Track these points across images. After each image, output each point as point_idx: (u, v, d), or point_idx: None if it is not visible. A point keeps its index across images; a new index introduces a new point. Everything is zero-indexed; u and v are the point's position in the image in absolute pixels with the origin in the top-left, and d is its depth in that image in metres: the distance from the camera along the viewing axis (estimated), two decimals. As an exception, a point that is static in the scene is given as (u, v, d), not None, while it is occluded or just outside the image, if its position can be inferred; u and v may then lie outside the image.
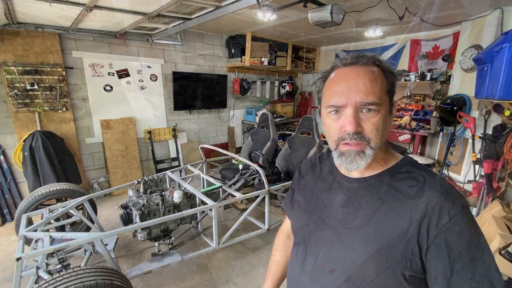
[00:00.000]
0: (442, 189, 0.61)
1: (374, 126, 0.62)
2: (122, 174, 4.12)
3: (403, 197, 0.63)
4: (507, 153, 2.82)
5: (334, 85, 0.66)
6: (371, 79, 0.62)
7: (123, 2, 2.47)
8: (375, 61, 0.65)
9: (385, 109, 0.64)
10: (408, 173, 0.67)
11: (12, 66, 3.13)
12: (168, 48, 4.42)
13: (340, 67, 0.67)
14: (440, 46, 4.31)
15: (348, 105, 0.62)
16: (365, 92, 0.61)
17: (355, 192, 0.70)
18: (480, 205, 3.22)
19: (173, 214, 2.18)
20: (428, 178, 0.64)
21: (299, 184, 0.88)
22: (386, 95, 0.64)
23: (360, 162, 0.63)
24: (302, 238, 0.79)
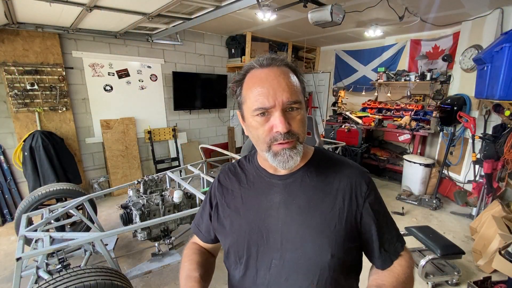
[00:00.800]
0: (354, 166, 0.75)
1: (300, 123, 0.65)
2: (122, 174, 4.12)
3: (331, 180, 0.71)
4: (507, 153, 2.82)
5: (257, 87, 0.64)
6: (290, 79, 0.64)
7: (123, 2, 2.47)
8: (287, 63, 0.68)
9: (304, 107, 0.67)
10: (325, 158, 0.76)
11: (12, 66, 3.13)
12: (168, 48, 4.42)
13: (257, 68, 0.67)
14: (440, 46, 4.31)
15: (276, 105, 0.62)
16: (289, 92, 0.62)
17: (291, 188, 0.72)
18: (480, 205, 3.22)
19: (173, 214, 2.17)
20: (339, 159, 0.76)
21: (224, 197, 0.80)
22: (301, 93, 0.67)
23: (295, 157, 0.65)
24: (247, 253, 0.72)
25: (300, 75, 0.69)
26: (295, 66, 0.70)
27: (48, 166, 3.19)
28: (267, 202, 0.73)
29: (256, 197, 0.75)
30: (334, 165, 0.74)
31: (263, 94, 0.62)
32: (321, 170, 0.73)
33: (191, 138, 5.06)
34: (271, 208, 0.72)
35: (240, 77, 0.70)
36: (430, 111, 4.37)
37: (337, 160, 0.76)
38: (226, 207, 0.79)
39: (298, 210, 0.70)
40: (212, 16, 2.85)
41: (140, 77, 4.21)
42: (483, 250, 2.51)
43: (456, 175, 3.84)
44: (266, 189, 0.74)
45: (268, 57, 0.67)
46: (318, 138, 3.28)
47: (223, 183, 0.83)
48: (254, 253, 0.72)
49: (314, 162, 0.74)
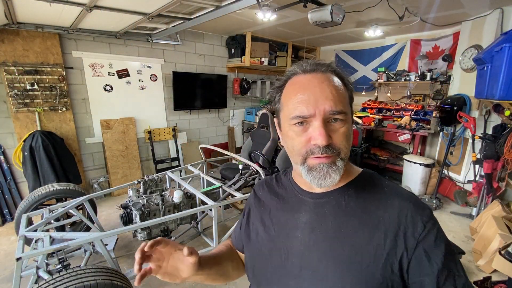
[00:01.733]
0: (409, 197, 0.60)
1: (343, 136, 0.57)
2: (122, 174, 4.12)
3: (373, 209, 0.59)
4: (507, 153, 2.82)
5: (297, 93, 0.58)
6: (336, 87, 0.58)
7: (123, 2, 2.47)
8: (334, 70, 0.61)
9: (350, 119, 0.60)
10: (372, 183, 0.64)
11: (12, 66, 3.13)
12: (168, 48, 4.42)
13: (299, 73, 0.61)
14: (440, 46, 4.31)
15: (316, 115, 0.55)
16: (333, 100, 0.55)
17: (322, 209, 0.63)
18: (480, 205, 3.22)
19: (173, 214, 2.17)
20: (392, 188, 0.63)
21: (257, 208, 0.76)
22: (349, 104, 0.60)
23: (333, 175, 0.57)
24: (262, 272, 0.68)
25: (348, 83, 0.62)
26: (343, 73, 0.62)
27: (48, 166, 3.19)
28: (294, 220, 0.66)
29: (284, 214, 0.69)
30: (382, 192, 0.61)
31: (303, 101, 0.56)
32: (363, 195, 0.62)
33: (191, 138, 5.06)
34: (296, 228, 0.64)
35: (281, 83, 0.64)
36: (430, 111, 4.37)
37: (389, 188, 0.62)
38: (255, 219, 0.74)
39: (324, 236, 0.60)
40: (212, 16, 2.85)
41: (140, 77, 4.21)
42: (483, 250, 2.51)
43: (456, 175, 3.84)
44: (295, 206, 0.67)
45: (312, 62, 0.62)
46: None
47: (257, 193, 0.79)
48: (269, 274, 0.66)
49: (357, 184, 0.64)
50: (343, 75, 0.62)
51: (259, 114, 5.24)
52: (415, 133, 4.20)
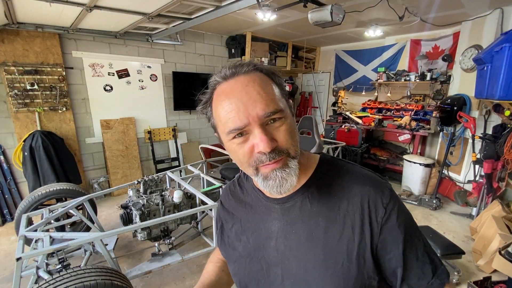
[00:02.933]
0: (367, 180, 0.58)
1: (287, 134, 0.53)
2: (122, 174, 4.12)
3: (337, 204, 0.57)
4: (507, 153, 2.82)
5: (224, 105, 0.53)
6: (262, 86, 0.53)
7: (123, 2, 2.47)
8: (256, 67, 0.56)
9: (289, 113, 0.56)
10: (331, 173, 0.61)
11: (12, 66, 3.13)
12: (168, 48, 4.42)
13: (221, 82, 0.56)
14: (440, 46, 4.31)
15: (251, 122, 0.51)
16: (263, 102, 0.51)
17: (290, 214, 0.60)
18: (480, 205, 3.22)
19: (173, 214, 2.17)
20: (351, 173, 0.60)
21: (227, 221, 0.73)
22: (282, 98, 0.55)
23: (290, 179, 0.54)
24: (249, 286, 0.67)
25: (276, 77, 0.58)
26: (267, 68, 0.58)
27: (48, 166, 3.19)
28: (265, 230, 0.64)
29: (255, 223, 0.66)
30: (341, 180, 0.59)
31: (233, 111, 0.51)
32: (325, 190, 0.59)
33: (191, 138, 5.06)
34: (270, 238, 0.63)
35: (207, 96, 0.59)
36: (430, 111, 4.37)
37: (346, 173, 0.60)
38: (229, 232, 0.72)
39: (298, 242, 0.59)
40: (212, 16, 2.85)
41: (140, 77, 4.21)
42: (483, 250, 2.51)
43: (456, 175, 3.84)
44: (264, 214, 0.65)
45: (230, 65, 0.57)
46: (318, 138, 3.28)
47: (225, 205, 0.76)
48: (253, 285, 0.65)
49: (317, 179, 0.61)
50: (267, 69, 0.57)
51: (259, 114, 5.23)
52: (415, 133, 4.19)
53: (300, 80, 6.71)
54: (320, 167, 0.63)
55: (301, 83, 6.70)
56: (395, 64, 4.92)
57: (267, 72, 0.57)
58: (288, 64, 5.41)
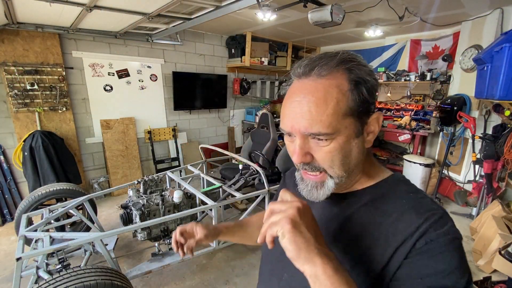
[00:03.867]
0: (426, 212, 0.50)
1: (327, 156, 0.51)
2: (122, 174, 4.12)
3: (380, 220, 0.53)
4: (507, 153, 2.82)
5: (284, 106, 0.55)
6: (319, 101, 0.49)
7: (123, 2, 2.47)
8: (339, 66, 0.50)
9: (346, 135, 0.51)
10: (393, 192, 0.56)
11: (12, 66, 3.13)
12: (168, 48, 4.42)
13: (293, 80, 0.55)
14: (440, 46, 4.31)
15: (293, 132, 0.52)
16: (309, 121, 0.49)
17: (330, 210, 0.61)
18: (480, 205, 3.22)
19: (173, 214, 2.18)
20: (414, 199, 0.53)
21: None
22: (346, 118, 0.50)
23: (318, 195, 0.55)
24: (271, 256, 0.70)
25: (360, 83, 0.50)
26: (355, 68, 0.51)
27: (48, 166, 3.19)
28: None
29: None
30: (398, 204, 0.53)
31: (285, 115, 0.53)
32: (377, 205, 0.55)
33: (191, 138, 5.06)
34: None
35: (285, 87, 0.60)
36: (430, 111, 4.37)
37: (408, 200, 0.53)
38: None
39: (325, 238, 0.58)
40: (212, 16, 2.85)
41: (140, 77, 4.21)
42: (483, 250, 2.51)
43: (456, 175, 3.84)
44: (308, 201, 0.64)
45: (307, 62, 0.52)
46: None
47: (286, 180, 0.81)
48: (274, 259, 0.68)
49: (375, 191, 0.57)
50: (355, 73, 0.50)
51: (259, 114, 5.24)
52: (415, 133, 4.20)
53: (300, 80, 6.70)
54: (385, 182, 0.58)
55: (301, 83, 6.69)
56: (395, 64, 4.92)
57: (353, 76, 0.50)
58: (288, 64, 5.41)
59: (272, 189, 2.69)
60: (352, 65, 0.51)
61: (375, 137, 0.57)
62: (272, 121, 3.79)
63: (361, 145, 0.54)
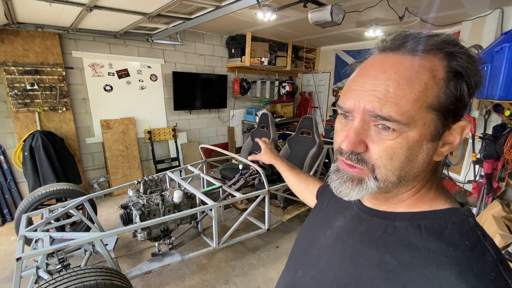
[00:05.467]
0: (479, 282, 0.35)
1: (386, 151, 0.41)
2: (122, 174, 4.12)
3: (408, 260, 0.41)
4: (507, 153, 2.82)
5: (352, 80, 0.47)
6: (402, 80, 0.39)
7: (123, 2, 2.47)
8: (440, 47, 0.40)
9: (420, 133, 0.40)
10: (440, 230, 0.42)
11: (12, 66, 3.13)
12: (168, 48, 4.42)
13: (376, 53, 0.46)
14: (440, 46, 4.31)
15: (355, 111, 0.43)
16: (382, 100, 0.40)
17: (358, 224, 0.53)
18: (480, 205, 3.22)
19: (173, 214, 2.17)
20: (468, 253, 0.38)
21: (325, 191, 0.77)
22: (430, 112, 0.40)
23: (351, 191, 0.46)
24: (297, 246, 0.70)
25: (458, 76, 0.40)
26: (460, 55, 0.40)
27: (48, 166, 3.19)
28: (332, 220, 0.62)
29: (332, 208, 0.66)
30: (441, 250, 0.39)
31: (350, 91, 0.45)
32: (410, 238, 0.43)
33: (191, 138, 5.06)
34: (329, 227, 0.60)
35: (361, 59, 0.50)
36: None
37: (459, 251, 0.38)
38: (321, 200, 0.75)
39: (340, 250, 0.53)
40: (212, 16, 2.85)
41: (140, 77, 4.21)
42: (483, 250, 2.51)
43: (456, 175, 3.84)
44: (342, 207, 0.61)
45: (401, 34, 0.43)
46: (318, 138, 3.28)
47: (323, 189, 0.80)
48: (297, 255, 0.68)
49: (414, 220, 0.45)
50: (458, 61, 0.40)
51: (259, 114, 5.24)
52: (415, 133, 4.19)
53: (300, 80, 6.71)
54: (436, 213, 0.45)
55: (301, 83, 6.71)
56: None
57: (454, 64, 0.40)
58: (288, 64, 5.41)
59: (272, 189, 2.69)
60: (457, 50, 0.40)
61: (450, 152, 0.46)
62: (272, 121, 3.79)
63: (432, 153, 0.43)
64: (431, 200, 0.47)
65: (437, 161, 0.46)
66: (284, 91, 5.98)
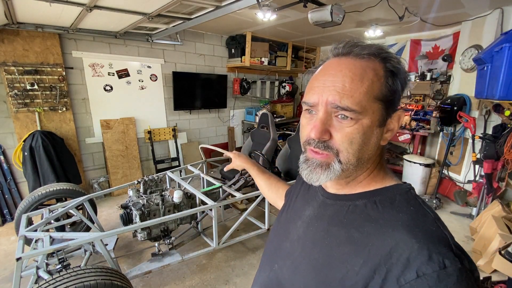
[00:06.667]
0: (423, 234, 0.45)
1: (347, 137, 0.50)
2: (122, 174, 4.12)
3: (368, 231, 0.49)
4: (507, 153, 2.82)
5: (314, 79, 0.55)
6: (355, 77, 0.49)
7: (123, 2, 2.47)
8: (377, 53, 0.51)
9: (371, 120, 0.50)
10: (391, 202, 0.52)
11: (12, 66, 3.13)
12: (168, 48, 4.42)
13: (330, 58, 0.56)
14: (440, 46, 4.31)
15: (319, 104, 0.51)
16: (341, 93, 0.49)
17: (324, 210, 0.60)
18: (480, 205, 3.22)
19: (173, 214, 2.18)
20: (413, 216, 0.48)
21: (294, 188, 0.82)
22: (376, 102, 0.50)
23: (321, 176, 0.52)
24: (270, 243, 0.74)
25: (392, 75, 0.51)
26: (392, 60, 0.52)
27: (48, 166, 3.19)
28: (302, 210, 0.67)
29: (300, 201, 0.71)
30: (393, 216, 0.49)
31: (313, 88, 0.53)
32: (369, 212, 0.52)
33: (191, 138, 5.06)
34: (300, 218, 0.65)
35: (318, 65, 0.59)
36: (430, 111, 4.37)
37: (406, 215, 0.49)
38: (290, 197, 0.78)
39: (312, 236, 0.59)
40: (212, 16, 2.85)
41: (140, 77, 4.21)
42: (483, 250, 2.51)
43: (456, 175, 3.84)
44: (310, 198, 0.67)
45: (349, 43, 0.53)
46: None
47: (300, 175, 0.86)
48: (272, 248, 0.71)
49: (370, 198, 0.54)
50: (390, 63, 0.51)
51: (259, 114, 5.24)
52: (415, 133, 4.19)
53: (300, 80, 6.71)
54: (386, 189, 0.55)
55: (301, 83, 6.70)
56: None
57: (387, 66, 0.51)
58: (288, 64, 5.41)
59: (272, 189, 2.69)
60: (389, 55, 0.52)
61: (391, 137, 0.56)
62: (272, 121, 3.79)
63: (380, 138, 0.54)
64: (382, 179, 0.57)
65: (383, 146, 0.57)
66: (284, 91, 5.98)
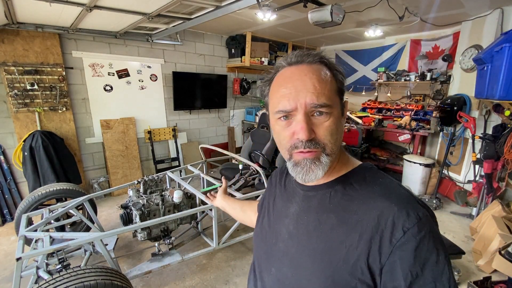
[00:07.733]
0: (397, 198, 0.55)
1: (327, 130, 0.56)
2: (122, 174, 4.12)
3: (354, 208, 0.57)
4: (507, 153, 2.82)
5: (280, 87, 0.58)
6: (319, 79, 0.56)
7: (123, 2, 2.47)
8: (321, 59, 0.59)
9: (337, 111, 0.58)
10: (364, 179, 0.61)
11: (12, 66, 3.13)
12: (168, 48, 4.42)
13: (285, 66, 0.61)
14: (440, 46, 4.31)
15: (298, 108, 0.55)
16: (315, 93, 0.54)
17: (308, 202, 0.65)
18: (480, 205, 3.22)
19: (173, 214, 2.18)
20: (384, 186, 0.58)
21: (268, 192, 0.84)
22: (337, 96, 0.59)
23: (317, 171, 0.57)
24: (259, 251, 0.75)
25: (338, 74, 0.60)
26: (331, 62, 0.61)
27: (48, 166, 3.19)
28: (286, 209, 0.70)
29: (281, 201, 0.74)
30: (370, 191, 0.58)
31: (285, 95, 0.56)
32: (349, 192, 0.60)
33: (191, 138, 5.06)
34: (286, 216, 0.69)
35: (270, 76, 0.64)
36: (430, 111, 4.37)
37: (378, 185, 0.59)
38: (266, 203, 0.81)
39: (305, 229, 0.63)
40: (212, 16, 2.85)
41: (140, 77, 4.21)
42: (483, 250, 2.51)
43: (456, 175, 3.84)
44: (290, 196, 0.72)
45: (299, 53, 0.60)
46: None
47: (272, 179, 0.86)
48: (263, 254, 0.73)
49: (347, 180, 0.62)
50: (332, 65, 0.60)
51: (259, 114, 5.24)
52: (415, 133, 4.19)
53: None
54: (355, 171, 0.64)
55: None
56: (395, 64, 4.91)
57: (331, 67, 0.60)
58: (288, 64, 5.40)
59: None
60: (329, 60, 0.61)
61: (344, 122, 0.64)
62: (272, 121, 3.78)
63: (342, 125, 0.62)
64: (348, 163, 0.66)
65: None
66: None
